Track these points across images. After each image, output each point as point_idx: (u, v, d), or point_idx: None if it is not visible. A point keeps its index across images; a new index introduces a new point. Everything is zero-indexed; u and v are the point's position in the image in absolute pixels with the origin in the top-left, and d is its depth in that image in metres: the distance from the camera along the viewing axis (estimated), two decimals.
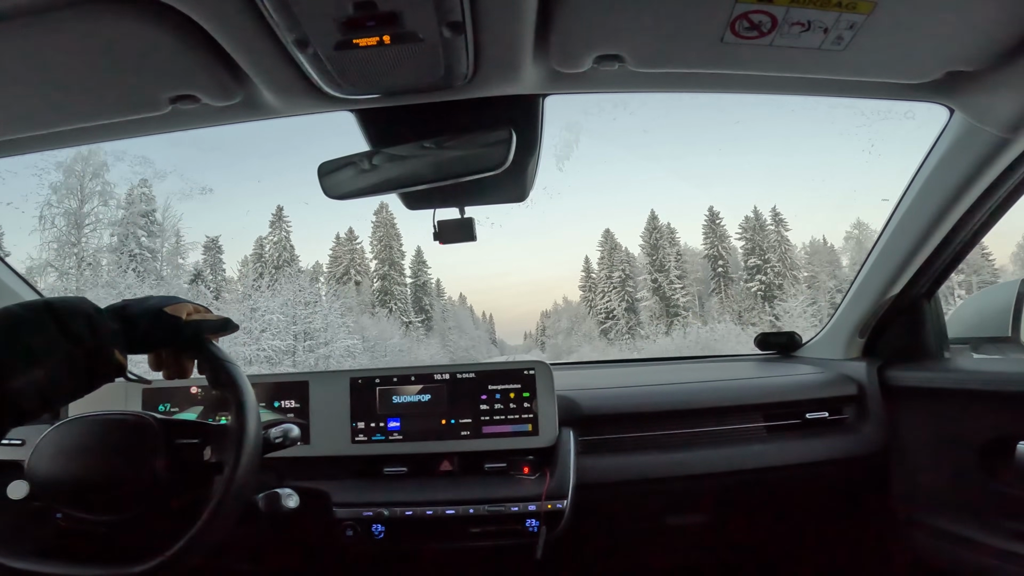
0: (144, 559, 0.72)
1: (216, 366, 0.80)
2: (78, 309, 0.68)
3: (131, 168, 18.80)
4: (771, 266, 22.78)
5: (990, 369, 1.17)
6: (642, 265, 24.89)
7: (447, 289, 26.83)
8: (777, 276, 22.68)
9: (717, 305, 23.22)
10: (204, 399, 1.34)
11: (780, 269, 22.74)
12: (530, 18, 0.73)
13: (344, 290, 21.58)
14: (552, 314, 29.36)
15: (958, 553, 1.16)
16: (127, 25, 0.70)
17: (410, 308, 23.59)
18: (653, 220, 25.20)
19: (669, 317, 23.58)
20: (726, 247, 23.88)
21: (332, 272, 23.25)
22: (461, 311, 27.85)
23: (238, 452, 0.76)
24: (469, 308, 29.40)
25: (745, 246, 23.62)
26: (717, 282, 23.63)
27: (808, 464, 1.29)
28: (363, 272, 23.49)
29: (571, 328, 26.69)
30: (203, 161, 31.03)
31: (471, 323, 28.53)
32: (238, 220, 36.25)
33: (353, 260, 23.56)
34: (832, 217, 41.35)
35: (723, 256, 23.77)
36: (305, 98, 0.89)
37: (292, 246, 22.26)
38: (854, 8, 0.71)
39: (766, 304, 22.36)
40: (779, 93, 1.00)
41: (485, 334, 29.58)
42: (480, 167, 0.95)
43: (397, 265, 24.11)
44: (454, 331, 25.29)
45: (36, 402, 0.63)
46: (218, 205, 37.38)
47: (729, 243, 23.89)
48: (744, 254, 23.59)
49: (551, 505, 1.14)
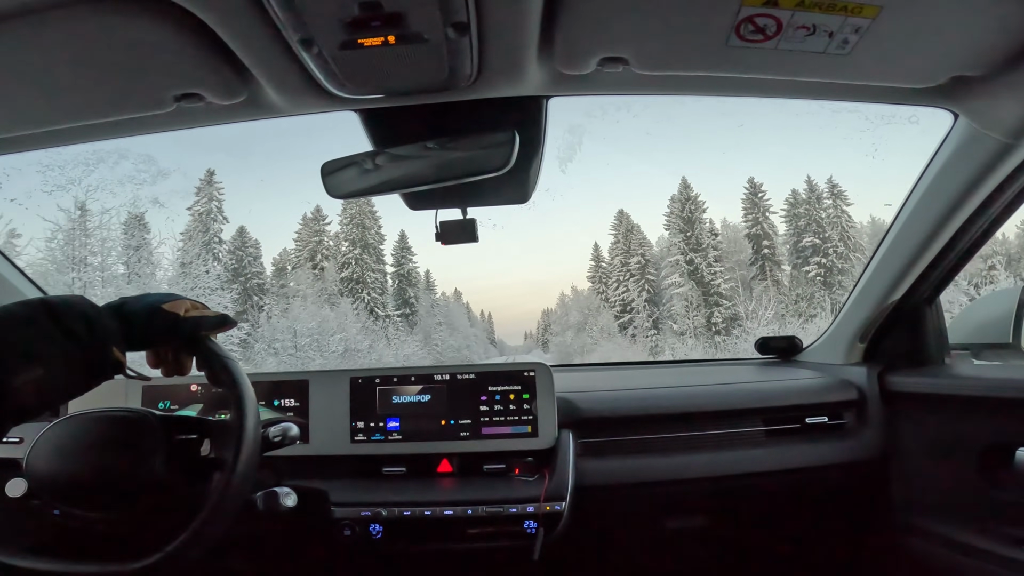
0: (143, 555, 0.71)
1: (214, 362, 0.79)
2: (76, 307, 0.68)
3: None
4: (832, 246, 19.64)
5: (990, 375, 1.17)
6: (672, 245, 21.09)
7: (441, 284, 24.45)
8: (840, 258, 19.49)
9: (761, 293, 19.45)
10: (204, 397, 1.34)
11: (843, 250, 19.51)
12: (535, 20, 0.73)
13: (301, 276, 19.32)
14: (558, 309, 25.97)
15: (957, 559, 1.16)
16: (133, 23, 0.70)
17: (390, 299, 21.14)
18: (686, 189, 21.29)
19: (708, 307, 19.88)
20: (770, 226, 20.39)
21: (296, 258, 20.67)
22: (456, 308, 25.42)
23: (238, 447, 0.76)
24: (465, 305, 27.19)
25: (794, 225, 19.85)
26: (761, 266, 20.07)
27: (807, 469, 1.29)
28: (333, 257, 20.98)
29: (583, 323, 22.97)
30: (206, 160, 30.98)
31: (466, 320, 26.05)
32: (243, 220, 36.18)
33: (321, 243, 21.03)
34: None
35: (768, 235, 20.26)
36: (309, 97, 0.90)
37: (225, 217, 19.69)
38: (859, 12, 0.71)
39: (827, 293, 18.84)
40: (784, 97, 1.00)
41: (482, 333, 27.61)
42: (483, 168, 0.95)
43: (373, 249, 21.29)
44: (443, 328, 22.52)
45: (36, 400, 0.63)
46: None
47: (771, 222, 20.34)
48: (792, 233, 20.02)
49: (549, 507, 1.14)
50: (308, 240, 21.15)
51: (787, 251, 20.31)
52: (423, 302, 22.34)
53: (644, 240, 22.15)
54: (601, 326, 21.63)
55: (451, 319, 23.78)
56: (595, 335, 21.55)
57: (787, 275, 20.26)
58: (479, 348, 25.37)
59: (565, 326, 24.39)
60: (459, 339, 23.23)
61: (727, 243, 20.80)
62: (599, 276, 22.86)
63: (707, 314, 19.88)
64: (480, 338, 26.83)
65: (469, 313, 27.62)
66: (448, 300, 25.17)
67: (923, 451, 1.27)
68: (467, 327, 25.55)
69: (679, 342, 19.71)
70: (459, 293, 26.90)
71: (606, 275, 22.67)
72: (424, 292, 22.81)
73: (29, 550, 0.78)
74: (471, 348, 24.00)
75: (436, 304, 23.42)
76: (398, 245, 22.19)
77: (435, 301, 23.54)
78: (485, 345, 26.95)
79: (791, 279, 20.16)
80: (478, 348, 25.21)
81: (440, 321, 22.65)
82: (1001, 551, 1.07)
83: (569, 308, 24.77)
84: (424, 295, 22.65)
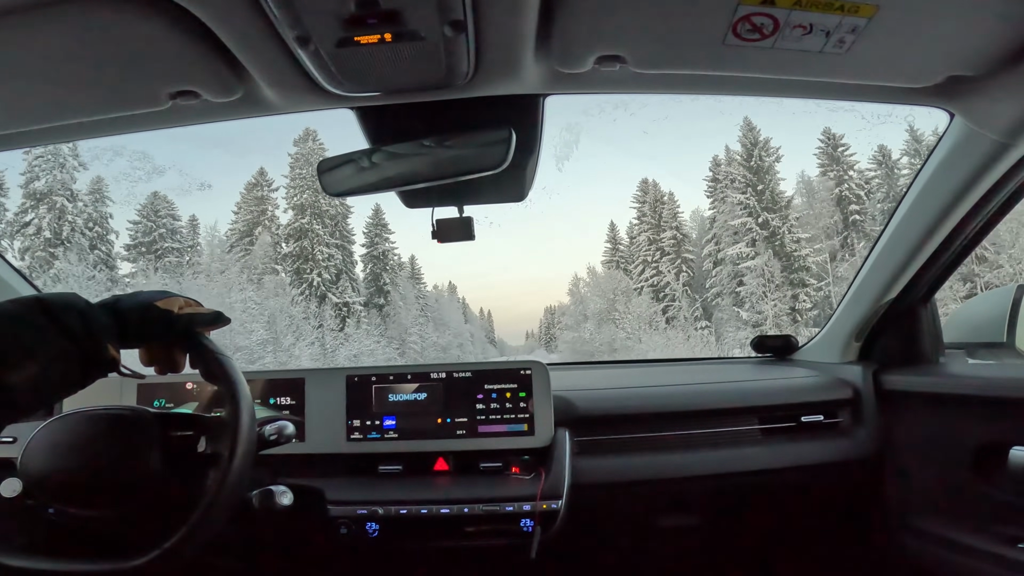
0: (138, 554, 0.71)
1: (209, 359, 0.79)
2: (70, 304, 0.67)
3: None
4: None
5: (985, 374, 1.18)
6: (733, 206, 15.65)
7: (439, 281, 21.84)
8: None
9: (848, 272, 13.77)
10: (200, 394, 1.34)
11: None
12: (532, 18, 0.73)
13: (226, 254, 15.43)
14: (571, 298, 21.08)
15: (951, 557, 1.17)
16: (128, 20, 0.70)
17: (361, 287, 17.31)
18: (751, 132, 16.04)
19: (793, 287, 14.38)
20: (858, 185, 15.08)
21: (232, 231, 16.93)
22: (449, 302, 22.54)
23: (233, 444, 0.75)
24: (461, 301, 24.67)
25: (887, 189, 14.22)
26: (845, 237, 14.99)
27: (802, 467, 1.30)
28: (274, 228, 17.34)
29: (607, 312, 17.35)
30: (203, 157, 30.79)
31: (460, 316, 23.23)
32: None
33: (264, 212, 17.42)
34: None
35: (859, 198, 15.02)
36: (306, 95, 0.89)
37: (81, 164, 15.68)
38: (856, 12, 0.71)
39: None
40: (780, 96, 1.00)
41: (480, 331, 25.51)
42: (479, 166, 0.95)
43: (325, 218, 17.08)
44: (428, 322, 18.79)
45: (30, 398, 0.63)
46: (219, 199, 37.21)
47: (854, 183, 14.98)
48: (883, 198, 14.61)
49: (546, 505, 1.14)
50: (250, 210, 17.60)
51: (880, 216, 14.75)
52: (403, 290, 18.84)
53: (677, 211, 17.35)
54: (637, 314, 16.66)
55: (441, 314, 20.83)
56: (630, 326, 16.13)
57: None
58: (475, 348, 23.11)
59: (580, 318, 19.50)
60: (447, 337, 20.05)
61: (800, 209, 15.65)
62: (616, 260, 18.74)
63: (790, 297, 14.45)
64: (478, 337, 25.21)
65: (465, 310, 25.73)
66: (441, 292, 22.49)
67: (918, 450, 1.28)
68: (460, 323, 23.11)
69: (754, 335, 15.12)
70: (453, 286, 24.46)
71: (626, 258, 18.43)
72: (407, 280, 19.51)
73: (24, 549, 0.78)
74: (463, 349, 21.25)
75: (423, 296, 20.19)
76: (371, 222, 18.44)
77: (421, 292, 20.26)
78: (483, 344, 25.20)
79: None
80: (474, 348, 23.00)
81: (424, 314, 19.12)
82: (995, 549, 1.08)
83: (585, 297, 19.87)
84: (405, 283, 19.27)
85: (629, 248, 18.67)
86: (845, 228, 15.24)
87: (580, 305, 20.13)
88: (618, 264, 18.63)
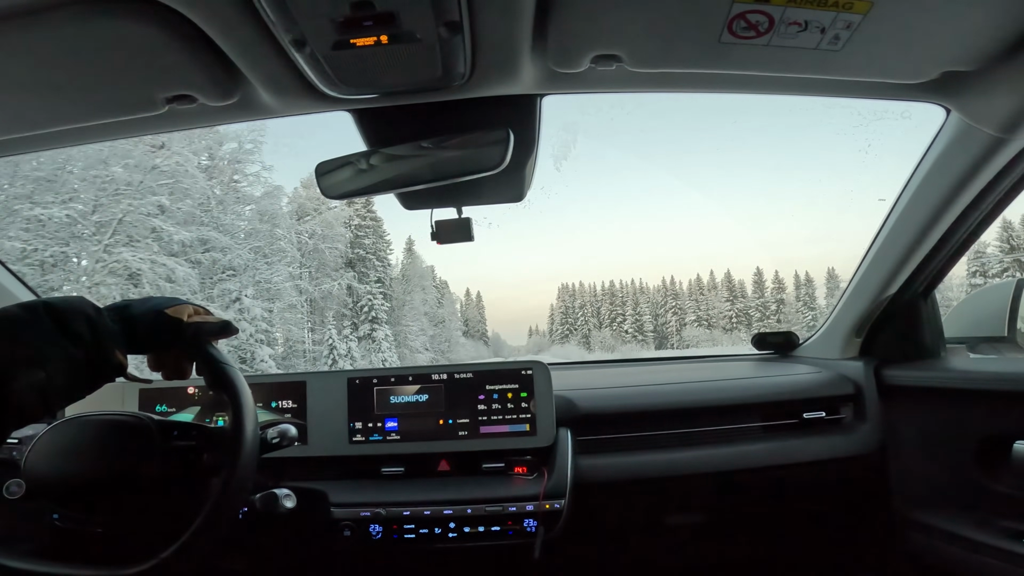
0: (140, 560, 0.71)
1: (215, 368, 0.80)
2: (77, 309, 0.67)
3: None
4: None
5: (986, 368, 1.18)
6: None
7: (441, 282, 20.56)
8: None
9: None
10: (201, 400, 1.34)
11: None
12: (527, 18, 0.73)
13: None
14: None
15: (954, 552, 1.17)
16: (124, 25, 0.70)
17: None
18: None
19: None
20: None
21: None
22: (447, 299, 21.64)
23: (235, 455, 0.76)
24: (458, 297, 24.13)
25: None
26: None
27: (805, 464, 1.29)
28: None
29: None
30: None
31: (456, 314, 22.67)
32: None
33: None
34: (831, 218, 40.98)
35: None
36: (302, 98, 0.89)
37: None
38: (851, 8, 0.71)
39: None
40: (776, 93, 1.00)
41: (478, 331, 24.97)
42: (478, 167, 0.95)
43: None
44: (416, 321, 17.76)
45: (37, 403, 0.63)
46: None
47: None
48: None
49: (549, 505, 1.14)
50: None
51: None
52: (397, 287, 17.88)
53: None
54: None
55: (435, 310, 20.11)
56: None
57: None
58: (463, 350, 22.16)
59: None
60: (427, 338, 18.94)
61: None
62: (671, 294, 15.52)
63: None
64: (477, 336, 25.06)
65: (464, 307, 25.56)
66: (441, 284, 21.53)
67: (920, 445, 1.28)
68: (455, 319, 22.61)
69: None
70: (445, 282, 22.84)
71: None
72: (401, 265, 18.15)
73: (27, 553, 0.78)
74: (454, 351, 20.62)
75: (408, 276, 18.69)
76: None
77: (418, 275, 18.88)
78: (497, 345, 24.80)
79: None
80: (462, 350, 22.02)
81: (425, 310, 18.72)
82: (999, 543, 1.08)
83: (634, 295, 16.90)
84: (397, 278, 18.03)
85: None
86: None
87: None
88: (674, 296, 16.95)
